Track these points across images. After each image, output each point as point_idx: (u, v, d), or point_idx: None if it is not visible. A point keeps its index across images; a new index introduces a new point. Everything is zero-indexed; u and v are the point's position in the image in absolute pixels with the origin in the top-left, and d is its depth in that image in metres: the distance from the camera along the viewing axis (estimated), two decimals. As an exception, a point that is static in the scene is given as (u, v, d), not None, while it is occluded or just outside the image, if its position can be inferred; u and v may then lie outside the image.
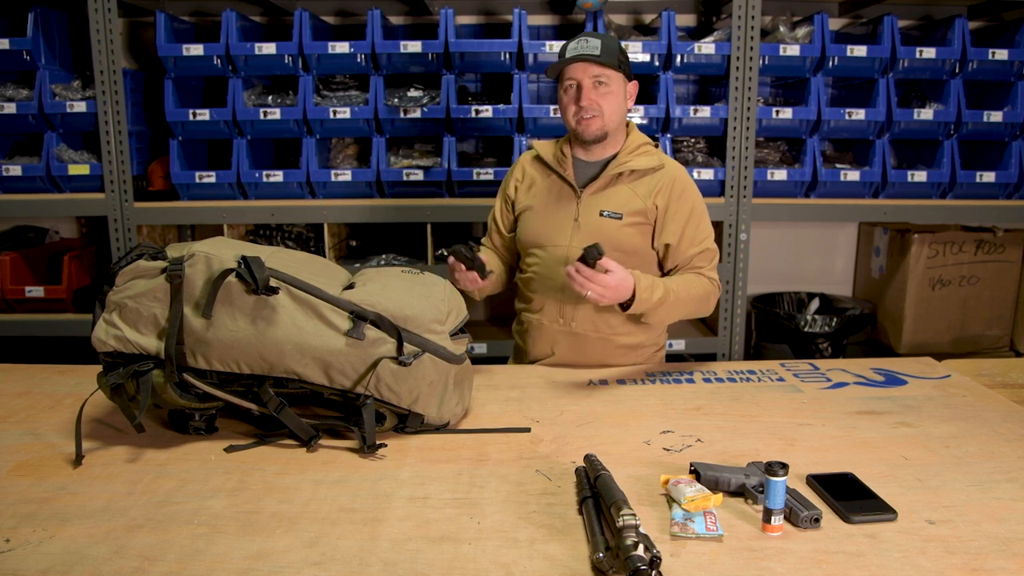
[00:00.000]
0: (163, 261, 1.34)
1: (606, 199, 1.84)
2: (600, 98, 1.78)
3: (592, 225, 1.83)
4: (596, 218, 1.83)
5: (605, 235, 1.78)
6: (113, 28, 2.76)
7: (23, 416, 1.54)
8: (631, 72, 1.85)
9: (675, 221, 1.82)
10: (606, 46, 1.76)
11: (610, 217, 1.82)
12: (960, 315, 3.25)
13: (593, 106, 1.77)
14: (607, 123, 1.80)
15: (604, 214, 1.82)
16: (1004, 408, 1.58)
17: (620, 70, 1.78)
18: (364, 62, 2.84)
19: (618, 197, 1.84)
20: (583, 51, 1.75)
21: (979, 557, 1.03)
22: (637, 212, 1.82)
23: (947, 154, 2.93)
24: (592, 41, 1.76)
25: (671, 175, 1.84)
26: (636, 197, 1.83)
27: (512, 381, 1.75)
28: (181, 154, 2.92)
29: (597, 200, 1.84)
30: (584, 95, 1.77)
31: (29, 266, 3.10)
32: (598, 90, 1.78)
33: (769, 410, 1.57)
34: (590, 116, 1.78)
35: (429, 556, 1.03)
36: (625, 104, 1.84)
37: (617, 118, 1.82)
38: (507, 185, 2.00)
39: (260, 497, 1.20)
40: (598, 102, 1.78)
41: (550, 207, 1.89)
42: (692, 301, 1.77)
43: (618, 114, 1.82)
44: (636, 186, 1.84)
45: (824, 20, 2.82)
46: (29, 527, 1.11)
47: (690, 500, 1.10)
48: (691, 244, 1.83)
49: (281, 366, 1.33)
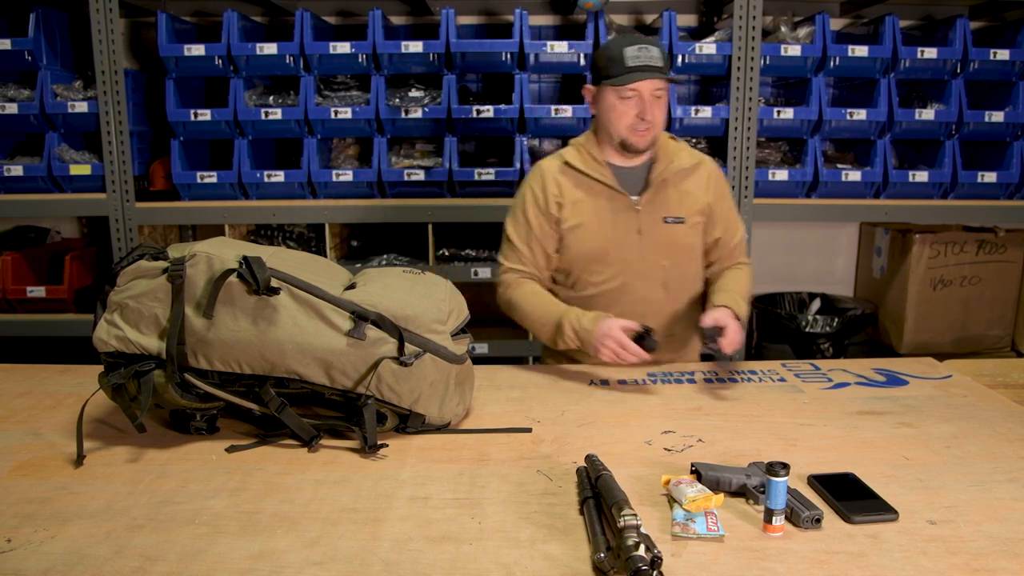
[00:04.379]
0: (164, 261, 1.34)
1: (664, 205, 1.81)
2: (655, 110, 1.74)
3: (658, 233, 1.81)
4: (661, 226, 1.81)
5: (673, 241, 1.82)
6: (114, 28, 2.76)
7: (24, 416, 1.55)
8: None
9: (721, 215, 1.86)
10: (663, 55, 1.71)
11: (674, 223, 1.80)
12: (961, 315, 3.24)
13: (654, 119, 1.74)
14: (656, 131, 1.78)
15: (668, 220, 1.80)
16: (1005, 408, 1.58)
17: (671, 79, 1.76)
18: (365, 62, 2.84)
19: (674, 200, 1.81)
20: (648, 62, 1.68)
21: (980, 557, 1.02)
22: (697, 213, 1.83)
23: (948, 154, 2.93)
24: (652, 51, 1.69)
25: (709, 169, 1.86)
26: (690, 197, 1.82)
27: (513, 381, 1.75)
28: (182, 154, 2.92)
29: (655, 207, 1.81)
30: (648, 109, 1.72)
31: (30, 266, 3.10)
32: (657, 102, 1.73)
33: (770, 410, 1.57)
34: (646, 128, 1.74)
35: (430, 556, 1.03)
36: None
37: (663, 124, 1.80)
38: (543, 203, 1.83)
39: (261, 497, 1.20)
40: (656, 114, 1.74)
41: (606, 221, 1.81)
42: (749, 295, 1.86)
43: (665, 122, 1.80)
44: (683, 186, 1.82)
45: (825, 20, 2.82)
46: (30, 527, 1.11)
47: (691, 500, 1.10)
48: (733, 235, 1.89)
49: (282, 366, 1.33)
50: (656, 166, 1.81)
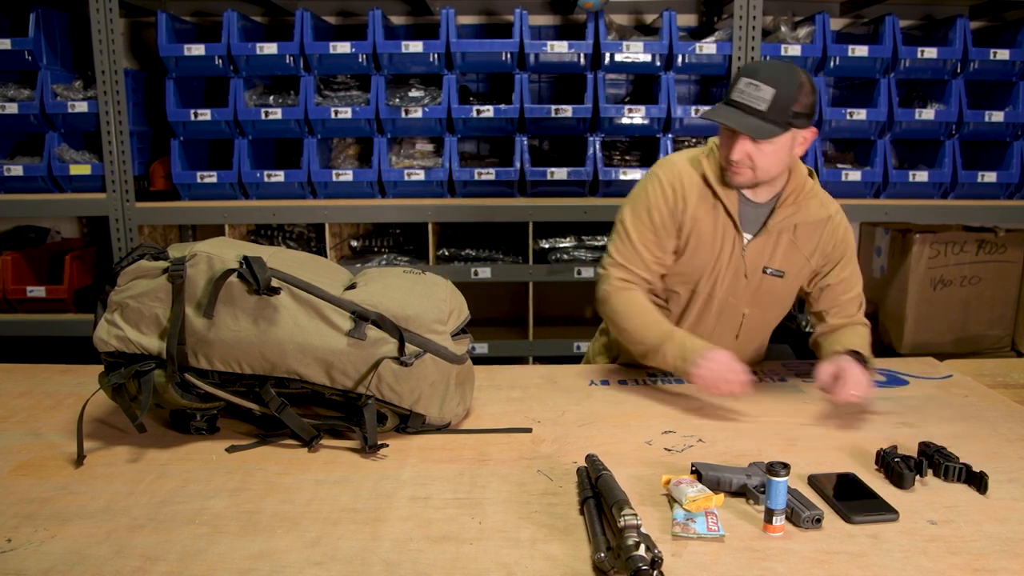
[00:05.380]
0: (165, 261, 1.34)
1: (770, 253, 1.67)
2: (755, 154, 1.54)
3: (754, 280, 1.69)
4: (759, 274, 1.69)
5: (765, 292, 1.71)
6: (114, 28, 2.76)
7: (24, 416, 1.55)
8: (811, 119, 1.57)
9: (835, 269, 1.71)
10: (778, 99, 1.48)
11: (773, 275, 1.68)
12: (961, 315, 3.24)
13: (745, 160, 1.55)
14: (760, 178, 1.59)
15: (768, 271, 1.68)
16: (1006, 408, 1.58)
17: (784, 128, 1.51)
18: (365, 62, 2.84)
19: (782, 251, 1.67)
20: (747, 102, 1.49)
21: (981, 557, 1.02)
22: (802, 271, 1.70)
23: (948, 154, 2.93)
24: (764, 90, 1.48)
25: (836, 226, 1.69)
26: (800, 253, 1.68)
27: (513, 381, 1.75)
28: (182, 154, 2.92)
29: (761, 253, 1.67)
30: (736, 149, 1.54)
31: (30, 266, 3.10)
32: (755, 146, 1.53)
33: (771, 410, 1.57)
34: (740, 168, 1.57)
35: (430, 556, 1.03)
36: (789, 157, 1.59)
37: (775, 171, 1.59)
38: (672, 202, 1.66)
39: (261, 497, 1.20)
40: (752, 157, 1.54)
41: (715, 248, 1.67)
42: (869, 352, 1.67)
43: (777, 168, 1.59)
44: (799, 238, 1.67)
45: (825, 20, 2.82)
46: (30, 527, 1.11)
47: (691, 500, 1.10)
48: (847, 290, 1.72)
49: (283, 366, 1.33)
50: (779, 211, 1.65)
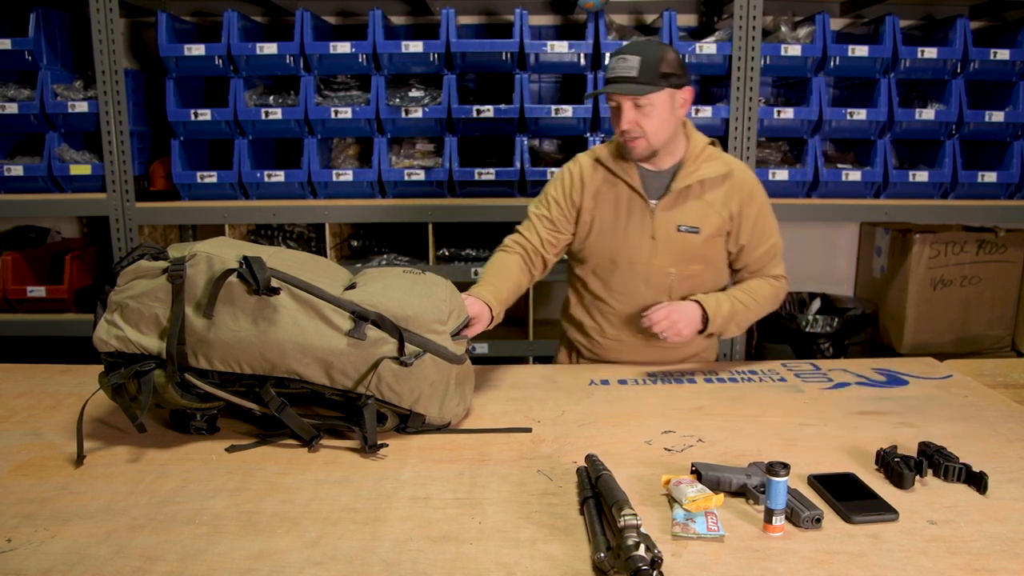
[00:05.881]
0: (165, 261, 1.34)
1: (681, 213, 1.80)
2: (641, 119, 1.70)
3: (671, 241, 1.80)
4: (674, 233, 1.80)
5: (684, 250, 1.80)
6: (114, 28, 2.76)
7: (24, 416, 1.55)
8: (683, 79, 1.72)
9: (747, 224, 1.82)
10: (645, 62, 1.66)
11: (688, 232, 1.79)
12: (961, 315, 3.24)
13: (634, 128, 1.71)
14: (653, 142, 1.73)
15: (681, 229, 1.79)
16: (1006, 408, 1.58)
17: (659, 85, 1.67)
18: (365, 62, 2.84)
19: (692, 210, 1.79)
20: (620, 72, 1.67)
21: (981, 557, 1.02)
22: (715, 225, 1.80)
23: (948, 154, 2.93)
24: (630, 59, 1.66)
25: (739, 180, 1.81)
26: (711, 210, 1.79)
27: (513, 381, 1.75)
28: (182, 154, 2.92)
29: (672, 215, 1.80)
30: (624, 118, 1.70)
31: (31, 266, 3.10)
32: (638, 111, 1.69)
33: (770, 410, 1.57)
34: (634, 138, 1.72)
35: (430, 556, 1.03)
36: (673, 117, 1.73)
37: (664, 134, 1.73)
38: (569, 186, 1.86)
39: (261, 497, 1.20)
40: (639, 124, 1.70)
41: (622, 221, 1.82)
42: (760, 306, 1.84)
43: (664, 130, 1.73)
44: (708, 196, 1.80)
45: (825, 20, 2.81)
46: (31, 527, 1.11)
47: (691, 500, 1.10)
48: (760, 243, 1.84)
49: (282, 366, 1.33)
50: (680, 173, 1.79)
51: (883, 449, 1.29)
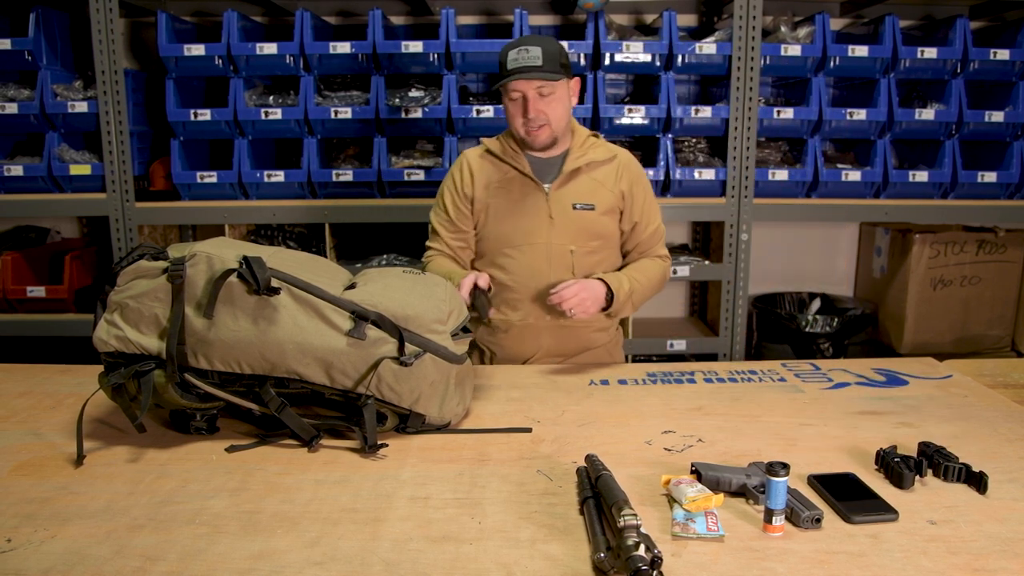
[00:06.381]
0: (164, 261, 1.34)
1: (575, 192, 1.89)
2: (546, 107, 1.80)
3: (568, 218, 1.88)
4: (570, 212, 1.88)
5: (582, 227, 1.89)
6: (114, 28, 2.76)
7: (24, 416, 1.55)
8: (572, 70, 1.85)
9: (638, 203, 1.93)
10: (547, 52, 1.75)
11: (583, 209, 1.88)
12: (961, 315, 3.24)
13: (540, 116, 1.80)
14: (555, 130, 1.84)
15: (577, 207, 1.88)
16: (1005, 408, 1.58)
17: (562, 74, 1.79)
18: (365, 62, 2.84)
19: (585, 188, 1.89)
20: (525, 63, 1.75)
21: (981, 557, 1.02)
22: (609, 202, 1.90)
23: (948, 154, 2.93)
24: (532, 50, 1.75)
25: (626, 160, 1.94)
26: (603, 188, 1.90)
27: (513, 381, 1.75)
28: (182, 154, 2.92)
29: (566, 193, 1.88)
30: (531, 107, 1.79)
31: (30, 266, 3.10)
32: (544, 100, 1.79)
33: (770, 410, 1.57)
34: (539, 126, 1.81)
35: (430, 556, 1.03)
36: (570, 105, 1.86)
37: (565, 121, 1.86)
38: (459, 183, 1.93)
39: (261, 497, 1.20)
40: (544, 111, 1.80)
41: (517, 205, 1.89)
42: (652, 285, 1.95)
43: (565, 118, 1.85)
44: (598, 175, 1.90)
45: (825, 20, 2.82)
46: (30, 527, 1.11)
47: (691, 500, 1.10)
48: (650, 222, 1.96)
49: (282, 366, 1.33)
50: (569, 157, 1.89)
51: (883, 449, 1.29)
